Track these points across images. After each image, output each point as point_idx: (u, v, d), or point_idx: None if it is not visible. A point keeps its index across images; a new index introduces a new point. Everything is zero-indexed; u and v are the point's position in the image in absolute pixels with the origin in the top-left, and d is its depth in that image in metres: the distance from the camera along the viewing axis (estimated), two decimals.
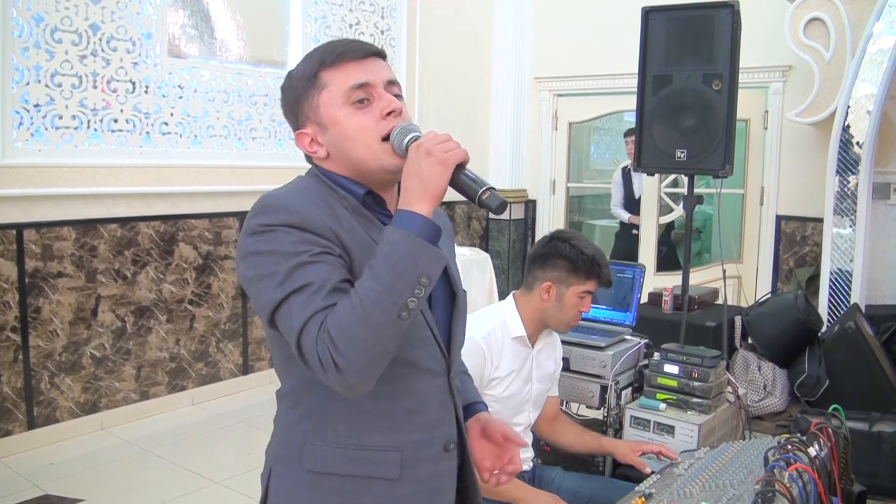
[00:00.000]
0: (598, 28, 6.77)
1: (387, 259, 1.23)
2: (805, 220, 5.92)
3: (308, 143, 1.47)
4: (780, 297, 4.88)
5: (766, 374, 4.26)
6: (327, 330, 1.22)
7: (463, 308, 1.57)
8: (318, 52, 1.45)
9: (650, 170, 4.66)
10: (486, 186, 1.34)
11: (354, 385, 1.24)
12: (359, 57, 1.43)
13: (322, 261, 1.29)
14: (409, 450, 1.43)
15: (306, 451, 1.43)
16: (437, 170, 1.29)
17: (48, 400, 4.45)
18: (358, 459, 1.41)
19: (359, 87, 1.41)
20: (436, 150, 1.30)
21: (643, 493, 2.08)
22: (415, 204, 1.28)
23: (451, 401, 1.51)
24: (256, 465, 1.63)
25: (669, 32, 4.46)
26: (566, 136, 7.31)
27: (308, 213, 1.32)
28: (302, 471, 1.43)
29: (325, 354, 1.21)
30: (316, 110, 1.43)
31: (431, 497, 1.47)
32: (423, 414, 1.45)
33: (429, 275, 1.24)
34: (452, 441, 1.50)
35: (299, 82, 1.46)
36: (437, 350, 1.47)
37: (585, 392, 2.95)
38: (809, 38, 5.30)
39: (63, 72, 4.39)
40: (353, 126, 1.40)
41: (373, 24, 6.25)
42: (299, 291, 1.26)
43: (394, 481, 1.41)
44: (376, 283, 1.22)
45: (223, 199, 5.24)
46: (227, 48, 5.32)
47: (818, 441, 1.93)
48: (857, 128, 5.03)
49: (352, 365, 1.21)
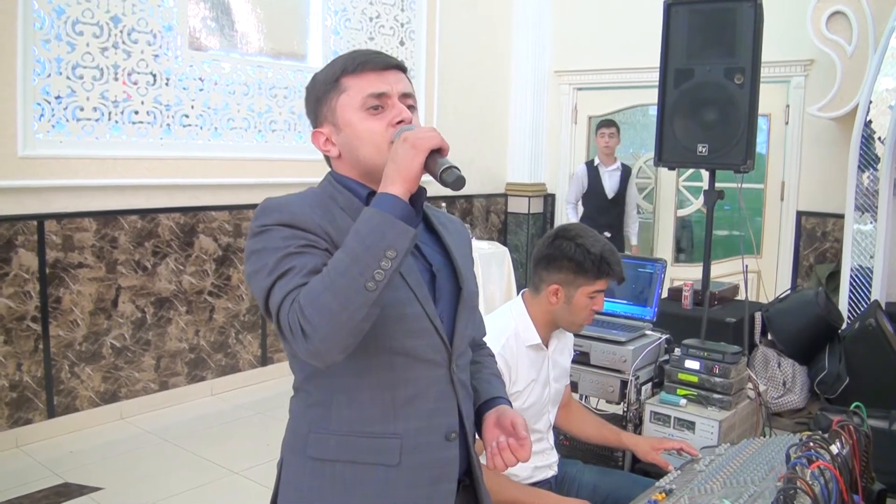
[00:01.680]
0: (619, 21, 6.75)
1: (356, 233, 1.31)
2: (825, 216, 5.88)
3: (323, 142, 1.58)
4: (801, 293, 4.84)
5: (785, 370, 4.23)
6: (298, 300, 1.30)
7: (468, 303, 1.61)
8: (342, 59, 1.56)
9: (671, 164, 4.64)
10: (448, 165, 1.40)
11: (320, 351, 1.30)
12: (380, 68, 1.53)
13: (306, 252, 1.39)
14: (408, 437, 1.48)
15: (311, 440, 1.50)
16: (410, 153, 1.36)
17: (68, 389, 4.49)
18: (358, 446, 1.47)
19: (375, 96, 1.50)
20: (411, 137, 1.37)
21: (664, 488, 2.07)
22: (389, 186, 1.35)
23: (451, 391, 1.55)
24: (275, 456, 1.68)
25: (691, 26, 4.43)
26: (585, 129, 7.30)
27: (299, 212, 1.43)
28: (307, 458, 1.51)
29: (295, 322, 1.29)
30: (333, 112, 1.54)
31: (433, 484, 1.51)
32: (422, 403, 1.50)
33: (395, 248, 1.29)
34: (454, 430, 1.54)
35: (322, 84, 1.56)
36: (437, 341, 1.51)
37: (605, 387, 2.94)
38: (831, 31, 5.26)
39: (84, 64, 4.42)
40: (364, 129, 1.50)
41: (392, 17, 6.25)
42: (283, 276, 1.35)
43: (393, 467, 1.47)
44: (345, 255, 1.30)
45: (243, 192, 5.26)
46: (248, 41, 5.33)
47: (840, 438, 1.92)
48: (879, 123, 4.99)
49: (317, 331, 1.27)
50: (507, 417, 1.59)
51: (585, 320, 2.48)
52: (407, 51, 6.39)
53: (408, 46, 6.40)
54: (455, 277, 1.60)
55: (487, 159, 7.18)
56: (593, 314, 2.48)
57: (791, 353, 4.30)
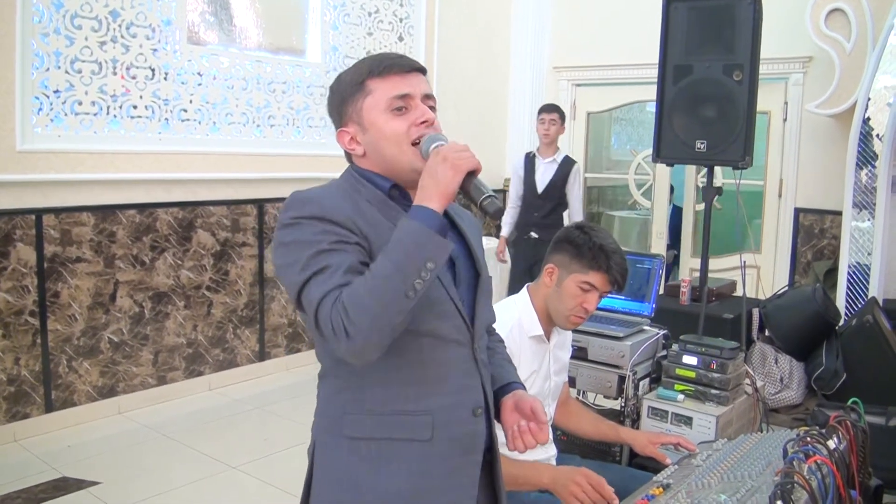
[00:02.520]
0: (618, 17, 6.74)
1: (399, 244, 1.40)
2: (823, 213, 5.88)
3: (348, 141, 1.64)
4: (798, 290, 4.86)
5: (783, 366, 4.25)
6: (342, 301, 1.38)
7: (485, 287, 1.71)
8: (367, 62, 1.63)
9: (670, 160, 4.64)
10: (488, 194, 1.51)
11: (361, 351, 1.39)
12: (404, 71, 1.61)
13: (340, 248, 1.46)
14: (439, 413, 1.57)
15: (346, 420, 1.58)
16: (449, 174, 1.45)
17: (66, 384, 4.49)
18: (393, 424, 1.56)
19: (400, 98, 1.58)
20: (451, 157, 1.46)
21: (661, 483, 2.08)
22: (427, 200, 1.44)
23: (476, 370, 1.64)
24: (273, 451, 1.70)
25: (691, 22, 4.44)
26: (584, 126, 7.29)
27: (330, 205, 1.50)
28: (343, 438, 1.58)
29: (338, 322, 1.37)
30: (359, 112, 1.60)
31: (463, 455, 1.61)
32: (450, 380, 1.60)
33: (435, 261, 1.40)
34: (480, 406, 1.64)
35: (347, 86, 1.63)
36: (461, 323, 1.61)
37: (603, 382, 2.95)
38: (830, 28, 5.26)
39: (83, 58, 4.41)
40: (389, 129, 1.58)
41: (391, 13, 6.25)
42: (319, 273, 1.43)
43: (427, 442, 1.56)
44: (389, 263, 1.38)
45: (241, 187, 5.26)
46: (246, 35, 5.33)
47: (837, 434, 1.92)
48: (878, 120, 5.00)
49: (360, 332, 1.36)
50: (525, 402, 1.66)
51: (573, 313, 2.44)
52: (406, 46, 6.38)
53: (406, 42, 6.40)
54: (473, 264, 1.71)
55: (486, 155, 7.14)
56: (584, 311, 2.45)
57: (788, 350, 4.32)
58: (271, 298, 5.57)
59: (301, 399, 5.07)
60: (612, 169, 7.91)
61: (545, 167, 5.77)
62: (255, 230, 5.40)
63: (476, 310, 1.67)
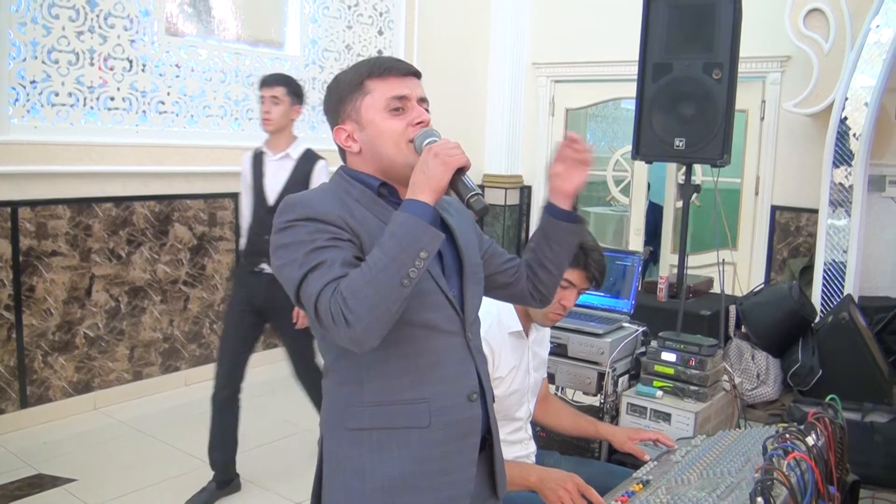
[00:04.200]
0: (597, 14, 6.75)
1: (393, 235, 1.46)
2: (799, 211, 5.93)
3: (344, 138, 1.70)
4: (775, 287, 4.90)
5: (759, 363, 4.29)
6: (340, 291, 1.44)
7: (472, 275, 1.77)
8: (367, 63, 1.70)
9: (648, 158, 4.66)
10: (474, 192, 1.58)
11: (361, 338, 1.45)
12: (402, 74, 1.69)
13: (334, 245, 1.53)
14: (435, 401, 1.64)
15: (347, 414, 1.66)
16: (440, 169, 1.52)
17: (41, 379, 4.44)
18: (392, 413, 1.63)
19: (397, 98, 1.65)
20: (442, 153, 1.53)
21: (641, 479, 2.09)
22: (419, 194, 1.51)
23: (469, 356, 1.72)
24: (249, 446, 1.72)
25: (671, 20, 4.46)
26: (563, 122, 7.31)
27: (320, 206, 1.57)
28: (345, 430, 1.66)
29: (338, 311, 1.43)
30: (358, 111, 1.67)
31: (460, 439, 1.68)
32: (444, 368, 1.66)
33: (427, 250, 1.46)
34: (475, 391, 1.70)
35: (346, 85, 1.69)
36: (452, 312, 1.68)
37: (583, 378, 2.96)
38: (809, 28, 5.30)
39: (60, 48, 4.36)
40: (387, 128, 1.65)
41: (371, 6, 6.22)
42: (316, 268, 1.49)
43: (425, 429, 1.63)
44: (384, 255, 1.44)
45: (218, 180, 5.22)
46: (225, 27, 5.29)
47: (815, 430, 1.94)
48: (854, 119, 5.04)
49: (360, 319, 1.42)
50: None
51: (552, 310, 2.44)
52: (385, 40, 6.36)
53: (386, 36, 6.38)
54: (458, 254, 1.76)
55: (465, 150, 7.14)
56: (562, 308, 2.45)
57: (765, 346, 4.36)
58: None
59: (279, 394, 5.04)
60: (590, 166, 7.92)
61: (276, 167, 3.85)
62: (233, 224, 5.36)
63: (465, 297, 1.73)
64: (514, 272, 1.93)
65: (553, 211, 1.84)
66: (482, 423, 1.72)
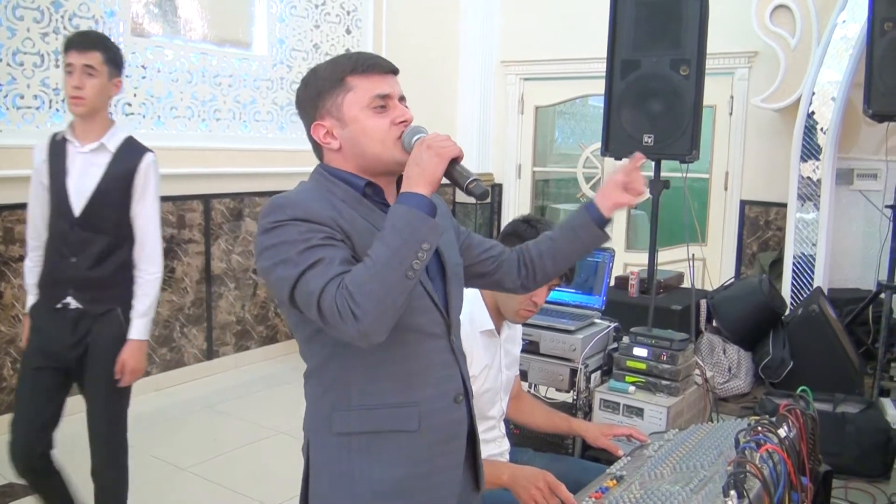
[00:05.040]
0: (565, 12, 6.77)
1: (394, 229, 1.46)
2: (768, 205, 5.98)
3: (323, 135, 1.68)
4: (745, 280, 4.93)
5: (731, 356, 4.31)
6: (346, 286, 1.43)
7: (454, 276, 1.78)
8: (348, 59, 1.68)
9: (618, 154, 4.68)
10: (473, 178, 1.61)
11: (369, 332, 1.44)
12: (384, 72, 1.68)
13: (328, 244, 1.52)
14: (424, 404, 1.65)
15: (334, 418, 1.65)
16: (434, 161, 1.54)
17: (11, 387, 4.37)
18: (380, 417, 1.63)
19: (381, 97, 1.64)
20: (435, 145, 1.55)
21: (614, 475, 2.09)
22: (415, 186, 1.52)
23: (454, 359, 1.73)
24: (223, 451, 1.69)
25: (638, 17, 4.48)
26: (532, 120, 7.32)
27: (311, 207, 1.55)
28: (332, 435, 1.66)
29: (345, 306, 1.42)
30: (339, 107, 1.65)
31: (447, 441, 1.70)
32: (431, 372, 1.67)
33: (429, 241, 1.47)
34: (460, 394, 1.72)
35: (325, 81, 1.67)
36: (437, 316, 1.69)
37: (555, 375, 2.96)
38: (775, 24, 5.35)
39: (25, 50, 4.29)
40: (372, 126, 1.63)
41: (339, 5, 6.19)
42: (313, 266, 1.48)
43: (414, 432, 1.64)
44: (386, 248, 1.45)
45: (186, 182, 5.17)
46: (192, 27, 5.24)
47: (787, 422, 1.95)
48: (822, 114, 5.10)
49: (368, 313, 1.42)
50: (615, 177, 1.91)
51: (523, 308, 2.44)
52: (353, 39, 6.34)
53: (354, 35, 6.35)
54: (438, 255, 1.75)
55: None
56: (533, 305, 2.44)
57: (736, 340, 4.38)
58: (219, 296, 5.50)
59: (251, 398, 5.01)
60: (557, 163, 7.94)
61: (85, 162, 2.83)
62: (202, 226, 5.31)
63: (449, 300, 1.74)
64: (492, 262, 1.95)
65: (593, 212, 1.88)
66: (467, 424, 1.75)
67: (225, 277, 5.51)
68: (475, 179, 1.61)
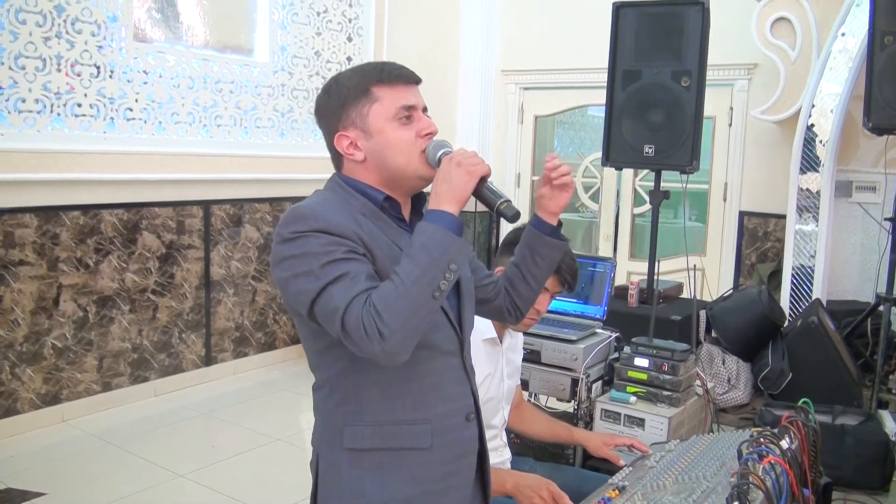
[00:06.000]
0: (566, 22, 6.79)
1: (423, 248, 1.44)
2: (767, 217, 5.99)
3: (347, 146, 1.64)
4: (744, 291, 4.95)
5: (730, 367, 4.32)
6: (373, 304, 1.40)
7: (468, 293, 1.76)
8: (374, 69, 1.65)
9: (618, 164, 4.70)
10: (504, 199, 1.59)
11: (394, 351, 1.42)
12: (409, 82, 1.66)
13: (351, 258, 1.49)
14: (437, 421, 1.64)
15: (346, 433, 1.62)
16: (464, 179, 1.51)
17: (9, 391, 4.36)
18: (393, 434, 1.62)
19: (406, 108, 1.62)
20: (465, 163, 1.52)
21: (616, 485, 2.09)
22: (444, 204, 1.49)
23: (466, 377, 1.72)
24: (220, 458, 1.70)
25: (640, 28, 4.50)
26: (532, 129, 7.34)
27: (334, 219, 1.51)
28: (343, 450, 1.62)
29: (371, 324, 1.39)
30: (364, 118, 1.61)
31: (458, 459, 1.69)
32: (444, 389, 1.66)
33: (457, 262, 1.46)
34: (472, 412, 1.72)
35: (349, 90, 1.63)
36: (452, 333, 1.68)
37: (556, 385, 2.96)
38: (776, 36, 5.37)
39: (27, 54, 4.29)
40: (398, 138, 1.60)
41: (340, 13, 6.21)
42: (336, 281, 1.45)
43: (427, 450, 1.63)
44: (415, 267, 1.43)
45: (187, 188, 5.18)
46: (193, 33, 5.25)
47: (789, 434, 1.95)
48: (821, 126, 5.12)
49: (395, 333, 1.39)
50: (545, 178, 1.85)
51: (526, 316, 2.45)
52: (355, 47, 6.35)
53: (355, 42, 6.36)
54: None
55: None
56: (535, 313, 2.46)
57: (735, 350, 4.39)
58: (218, 302, 5.50)
59: (248, 404, 5.01)
60: None
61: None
62: (202, 232, 5.32)
63: (462, 317, 1.72)
64: (492, 288, 1.94)
65: (540, 226, 1.86)
66: (478, 441, 1.74)
67: (224, 283, 5.51)
68: (507, 200, 1.59)
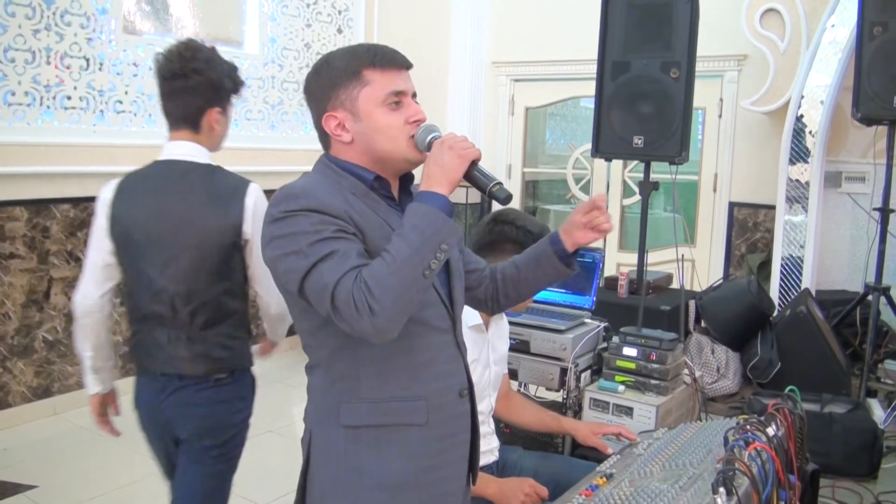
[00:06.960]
0: (556, 13, 6.79)
1: (415, 228, 1.46)
2: (757, 207, 6.01)
3: (335, 126, 1.65)
4: (734, 282, 4.97)
5: (719, 356, 4.34)
6: (364, 280, 1.42)
7: (456, 271, 1.79)
8: (366, 51, 1.66)
9: (608, 156, 4.70)
10: (496, 181, 1.61)
11: (385, 328, 1.44)
12: (402, 67, 1.68)
13: (341, 237, 1.50)
14: (431, 397, 1.66)
15: (342, 410, 1.63)
16: (456, 162, 1.54)
17: (0, 384, 4.36)
18: (390, 410, 1.63)
19: (396, 94, 1.63)
20: (456, 146, 1.55)
21: (604, 473, 2.10)
22: (436, 186, 1.52)
23: (458, 354, 1.75)
24: None
25: (629, 19, 4.50)
26: (522, 121, 7.34)
27: (324, 199, 1.53)
28: (339, 427, 1.64)
29: (362, 300, 1.41)
30: (354, 101, 1.63)
31: (454, 435, 1.72)
32: (437, 366, 1.68)
33: (448, 242, 1.48)
34: (465, 388, 1.74)
35: (340, 72, 1.64)
36: (443, 310, 1.70)
37: (545, 374, 2.97)
38: (765, 28, 5.38)
39: (16, 46, 4.28)
40: (386, 123, 1.62)
41: (330, 4, 6.20)
42: (326, 258, 1.46)
43: (423, 426, 1.65)
44: (407, 246, 1.44)
45: None
46: (183, 25, 5.24)
47: (775, 421, 1.97)
48: (810, 117, 5.13)
49: (385, 309, 1.41)
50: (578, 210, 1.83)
51: None
52: (345, 38, 6.34)
53: (345, 34, 6.36)
54: None
55: None
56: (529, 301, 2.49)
57: (724, 340, 4.41)
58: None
59: None
60: (547, 163, 7.96)
61: None
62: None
63: (453, 295, 1.75)
64: (476, 277, 1.95)
65: (558, 247, 1.85)
66: (471, 418, 1.77)
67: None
68: (498, 182, 1.62)
